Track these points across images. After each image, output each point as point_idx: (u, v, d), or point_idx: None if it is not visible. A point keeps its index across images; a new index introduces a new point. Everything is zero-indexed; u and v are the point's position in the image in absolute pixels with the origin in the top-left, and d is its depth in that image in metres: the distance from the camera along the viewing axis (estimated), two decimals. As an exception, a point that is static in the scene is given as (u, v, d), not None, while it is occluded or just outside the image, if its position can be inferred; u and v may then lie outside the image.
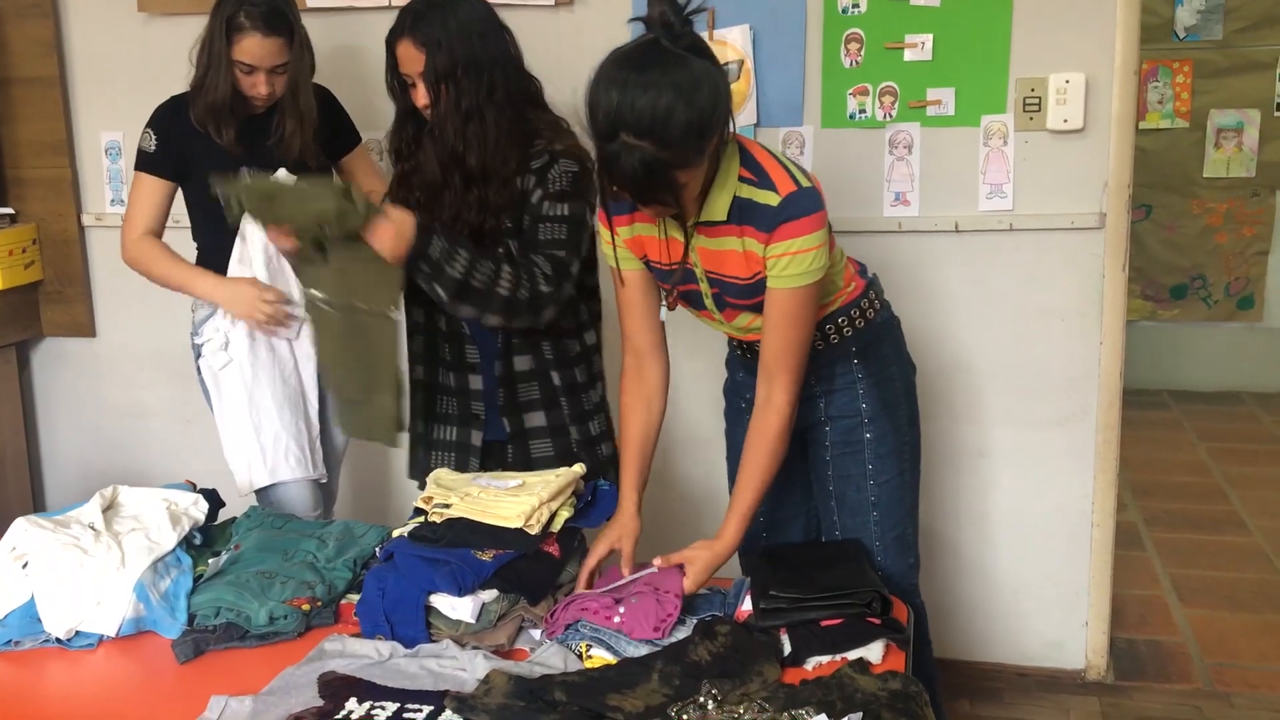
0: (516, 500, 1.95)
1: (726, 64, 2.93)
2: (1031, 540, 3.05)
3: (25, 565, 1.99)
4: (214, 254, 2.67)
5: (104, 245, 3.48)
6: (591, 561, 2.02)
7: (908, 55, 2.87)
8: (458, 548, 1.90)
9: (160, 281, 2.67)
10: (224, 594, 1.97)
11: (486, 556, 1.89)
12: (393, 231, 2.07)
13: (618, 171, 1.79)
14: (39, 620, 1.94)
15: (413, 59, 2.15)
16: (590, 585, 2.00)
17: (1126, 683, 3.05)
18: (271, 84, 2.52)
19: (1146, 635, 3.30)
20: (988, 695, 3.01)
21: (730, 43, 2.94)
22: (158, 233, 2.69)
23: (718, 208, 1.93)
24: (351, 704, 1.70)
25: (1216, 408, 5.55)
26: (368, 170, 2.85)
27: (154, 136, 2.62)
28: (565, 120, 2.25)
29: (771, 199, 1.92)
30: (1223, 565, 3.77)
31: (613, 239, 2.04)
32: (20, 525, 2.05)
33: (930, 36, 2.85)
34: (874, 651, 1.81)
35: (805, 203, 1.93)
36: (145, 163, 2.64)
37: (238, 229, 2.57)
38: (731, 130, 1.91)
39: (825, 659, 1.80)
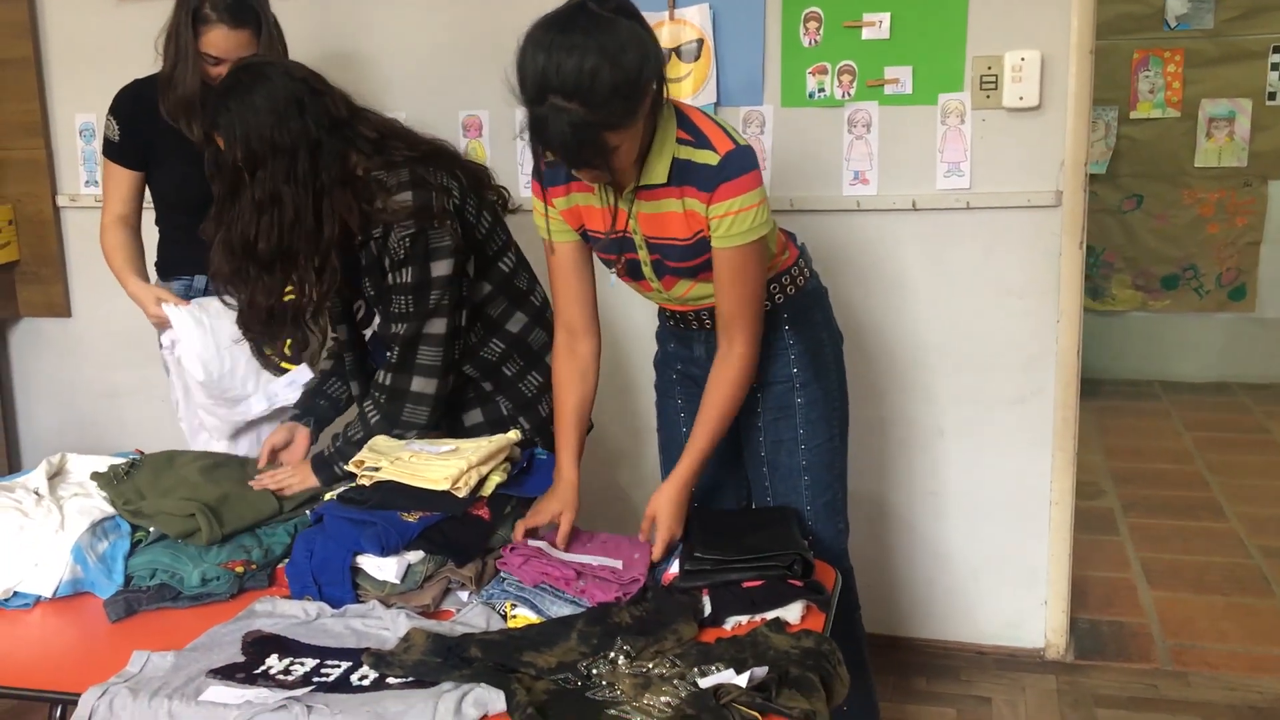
0: (445, 464, 1.97)
1: (686, 43, 2.97)
2: (990, 519, 3.05)
3: (-34, 527, 2.03)
4: (172, 243, 2.72)
5: (79, 226, 3.53)
6: (519, 530, 2.01)
7: (866, 34, 2.88)
8: (384, 509, 1.93)
9: (112, 272, 2.73)
10: (160, 556, 2.00)
11: (412, 518, 1.91)
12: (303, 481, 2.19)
13: (547, 135, 1.80)
14: (-23, 581, 1.98)
15: (223, 145, 2.12)
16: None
17: (1085, 662, 3.05)
18: None
19: (1110, 616, 3.30)
20: (944, 673, 3.02)
21: (690, 21, 2.95)
22: (129, 218, 2.71)
23: (657, 170, 1.95)
24: (272, 660, 1.73)
25: (1206, 398, 5.54)
26: None
27: (116, 125, 2.63)
28: (408, 167, 2.15)
29: (711, 158, 1.93)
30: (1195, 550, 3.76)
31: (545, 210, 2.06)
32: (-37, 489, 2.08)
33: (888, 15, 2.86)
34: (792, 612, 1.82)
35: (744, 161, 1.94)
36: (110, 151, 2.67)
37: (197, 220, 2.41)
38: (666, 93, 1.92)
39: (744, 619, 1.82)
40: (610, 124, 1.80)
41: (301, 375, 2.51)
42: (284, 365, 2.53)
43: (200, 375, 2.50)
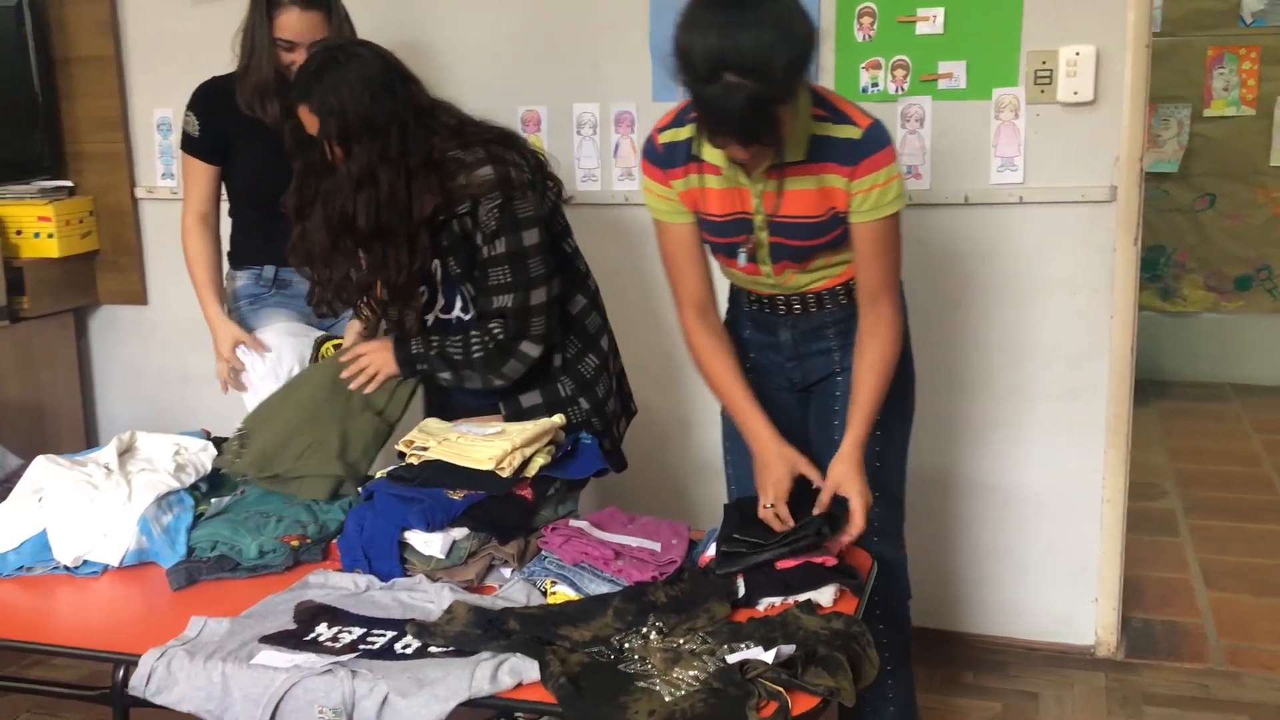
0: (490, 445, 2.03)
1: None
2: (1041, 515, 3.05)
3: (40, 499, 2.14)
4: (244, 236, 2.80)
5: (156, 217, 3.66)
6: (770, 503, 2.02)
7: (920, 29, 2.89)
8: (430, 487, 2.00)
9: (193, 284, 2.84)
10: (221, 529, 2.10)
11: (457, 496, 1.98)
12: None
13: (722, 113, 1.80)
14: (49, 549, 2.08)
15: (310, 123, 2.18)
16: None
17: (1136, 660, 3.03)
18: None
19: (1164, 616, 3.26)
20: (992, 668, 3.02)
21: (744, 18, 2.99)
22: (209, 217, 2.80)
23: (796, 148, 1.95)
24: (321, 628, 1.81)
25: (1278, 401, 5.42)
26: None
27: (196, 120, 2.71)
28: (482, 147, 2.23)
29: (853, 133, 1.96)
30: (1257, 553, 3.71)
31: (662, 191, 2.07)
32: (39, 462, 2.20)
33: (942, 10, 2.87)
34: (825, 595, 1.86)
35: (883, 134, 1.98)
36: (188, 145, 2.75)
37: (268, 214, 2.55)
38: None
39: (777, 600, 1.86)
40: (784, 98, 1.81)
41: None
42: None
43: None
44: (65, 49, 3.59)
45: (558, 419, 2.18)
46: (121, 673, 1.75)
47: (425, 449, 2.08)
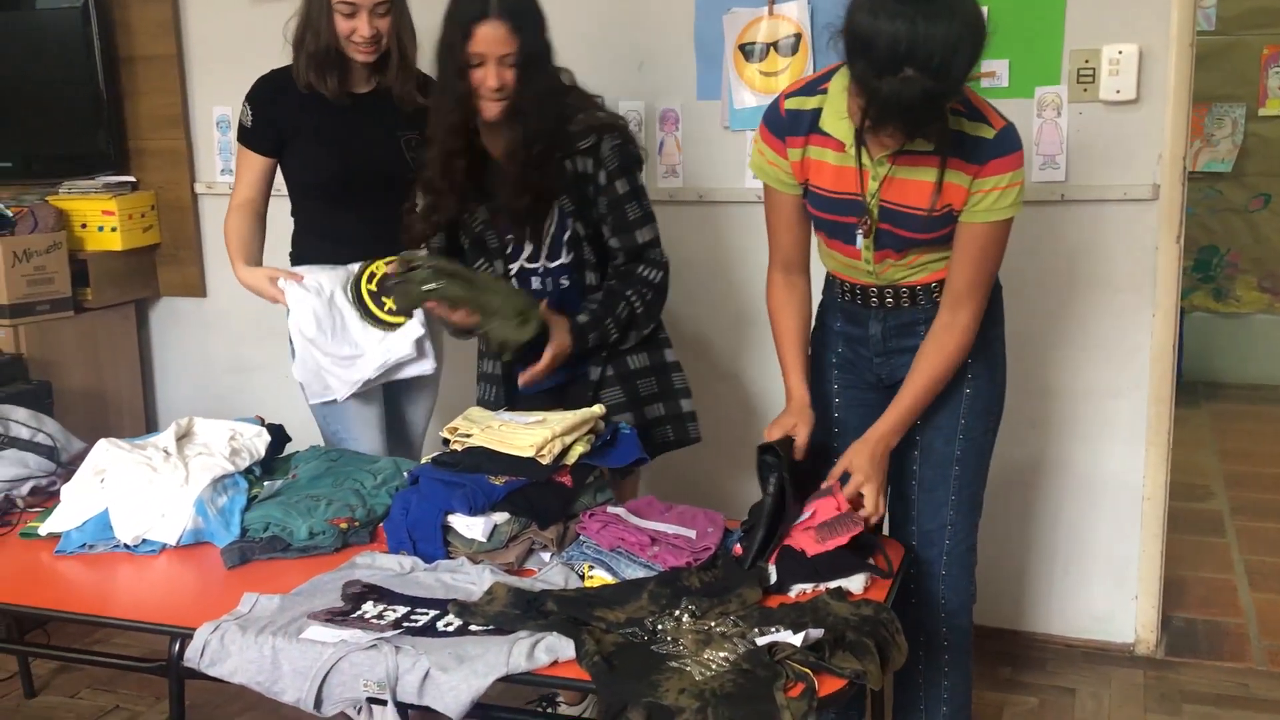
0: (531, 432, 2.09)
1: (784, 38, 3.05)
2: (1081, 513, 3.06)
3: (103, 480, 2.23)
4: (306, 232, 2.77)
5: (214, 212, 3.76)
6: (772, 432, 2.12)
7: (962, 28, 2.91)
8: (473, 473, 2.06)
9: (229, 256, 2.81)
10: (273, 511, 2.18)
11: (498, 481, 2.04)
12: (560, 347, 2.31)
13: (893, 105, 1.77)
14: (111, 528, 2.18)
15: (500, 40, 2.19)
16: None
17: (1176, 658, 3.03)
18: (375, 25, 2.49)
19: (1206, 615, 3.26)
20: (1030, 663, 3.03)
21: (788, 16, 3.03)
22: (256, 203, 2.73)
23: (927, 138, 1.92)
24: (368, 606, 1.87)
25: (1335, 403, 5.37)
26: None
27: (250, 111, 2.68)
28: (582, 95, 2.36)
29: (986, 132, 1.94)
30: (1303, 554, 3.69)
31: (775, 158, 2.09)
32: (102, 445, 2.29)
33: (985, 9, 2.85)
34: (855, 583, 1.90)
35: (1015, 138, 1.97)
36: (243, 136, 2.72)
37: (329, 207, 2.67)
38: None
39: (808, 587, 1.90)
40: (954, 94, 1.81)
41: (414, 330, 2.59)
42: (390, 320, 2.61)
43: (311, 331, 2.57)
44: (129, 48, 3.71)
45: (598, 409, 2.23)
46: (177, 646, 1.83)
47: (468, 435, 2.14)
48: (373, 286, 2.61)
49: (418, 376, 2.71)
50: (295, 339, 2.63)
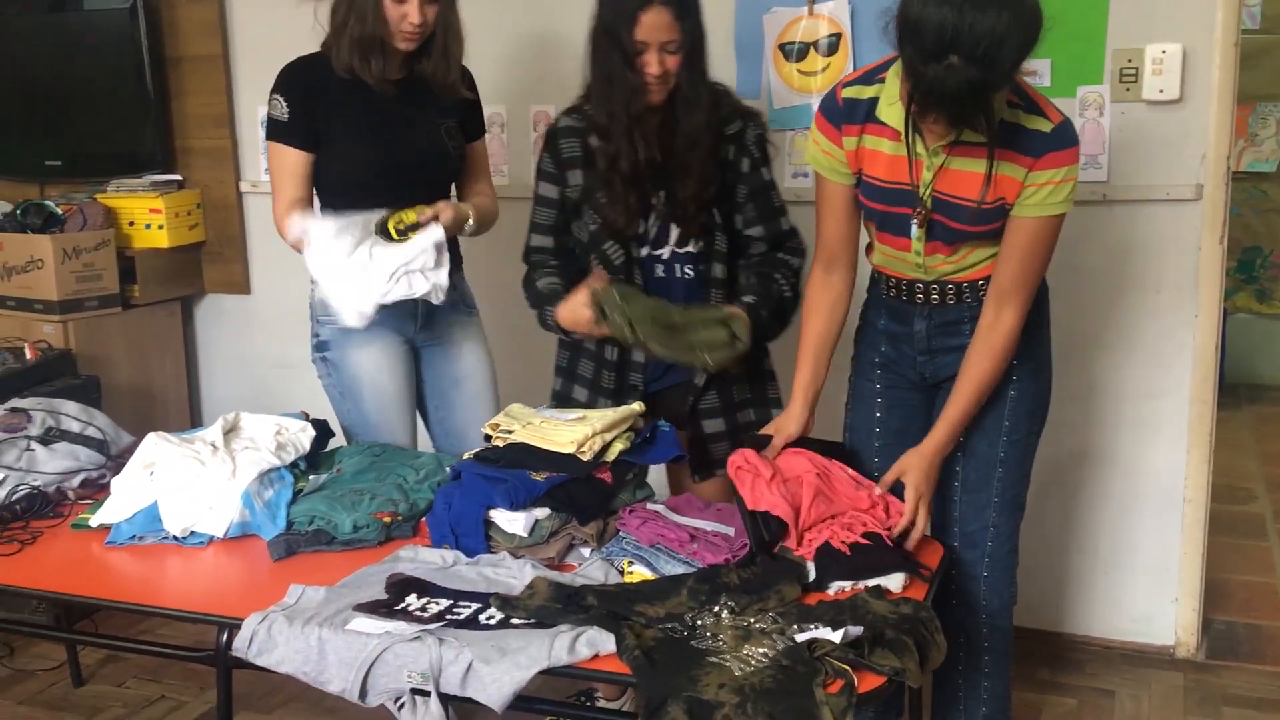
0: (572, 429, 2.12)
1: (824, 37, 3.05)
2: (1121, 514, 3.05)
3: (152, 473, 2.27)
4: None
5: (259, 210, 3.82)
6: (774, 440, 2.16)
7: (1004, 27, 2.90)
8: (514, 468, 2.09)
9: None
10: (318, 505, 2.21)
11: (539, 477, 2.07)
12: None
13: (938, 94, 1.77)
14: (160, 520, 2.22)
15: (664, 26, 2.16)
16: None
17: (1217, 661, 3.01)
18: (423, 12, 2.42)
19: (1248, 619, 3.23)
20: (1068, 665, 3.02)
21: (828, 16, 3.03)
22: (306, 199, 2.58)
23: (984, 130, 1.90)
24: (411, 599, 1.91)
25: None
26: (483, 168, 2.77)
27: (284, 103, 2.51)
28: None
29: (1043, 125, 1.93)
30: (1348, 558, 3.65)
31: (829, 147, 2.09)
32: (151, 439, 2.34)
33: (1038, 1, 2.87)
34: (894, 581, 1.90)
35: (1072, 133, 1.96)
36: (278, 131, 2.53)
37: (361, 205, 2.47)
38: None
39: (847, 585, 1.91)
40: (1001, 85, 1.80)
41: (433, 234, 2.44)
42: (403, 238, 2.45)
43: (328, 249, 2.43)
44: (175, 49, 3.76)
45: (637, 406, 2.25)
46: (225, 635, 1.87)
47: (510, 432, 2.17)
48: (396, 229, 2.45)
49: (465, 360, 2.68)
50: (313, 268, 2.51)
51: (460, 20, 2.55)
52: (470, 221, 2.57)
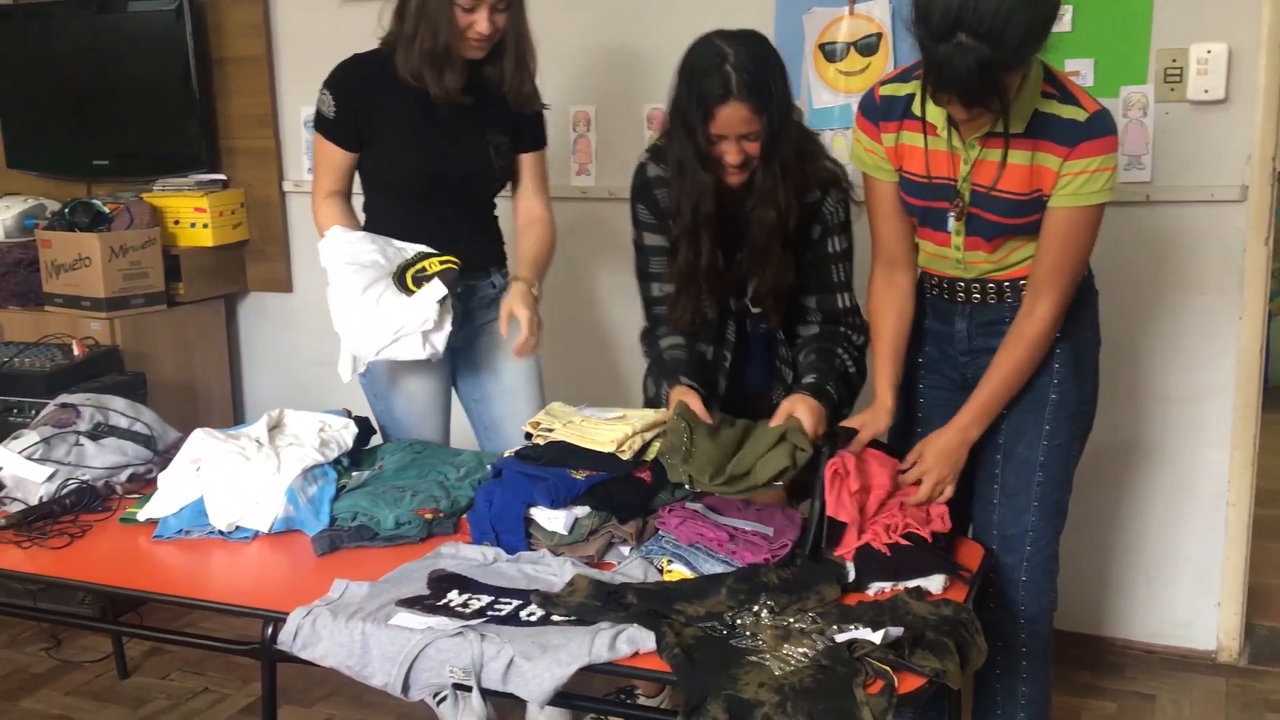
0: (612, 428, 2.13)
1: (866, 37, 3.05)
2: (1164, 518, 3.02)
3: (198, 469, 2.31)
4: (387, 229, 2.57)
5: (301, 209, 3.86)
6: (860, 435, 2.10)
7: (1047, 27, 2.89)
8: (555, 467, 2.10)
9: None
10: (361, 501, 2.24)
11: (580, 475, 2.08)
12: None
13: (949, 73, 1.79)
14: (206, 515, 2.25)
15: (742, 120, 2.07)
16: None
17: (1260, 667, 2.98)
18: (493, 21, 2.36)
19: (1292, 625, 3.21)
20: (1109, 668, 3.00)
21: (870, 16, 3.03)
22: (343, 193, 2.60)
23: (1017, 120, 1.93)
24: (453, 594, 1.92)
25: None
26: (538, 182, 2.67)
27: (332, 100, 2.51)
28: (810, 133, 2.27)
29: (1078, 114, 1.93)
30: (1395, 564, 3.59)
31: (871, 145, 2.11)
32: (198, 435, 2.37)
33: (1070, 8, 2.86)
34: (934, 583, 1.90)
35: (1108, 122, 1.95)
36: (323, 127, 2.55)
37: (409, 210, 2.51)
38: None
39: (887, 586, 1.91)
40: (1014, 65, 1.80)
41: (436, 290, 2.40)
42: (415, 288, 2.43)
43: (343, 296, 2.45)
44: (220, 50, 3.81)
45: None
46: (270, 629, 1.89)
47: (550, 430, 2.18)
48: (414, 279, 2.43)
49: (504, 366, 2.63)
50: (330, 294, 2.51)
51: (529, 29, 2.48)
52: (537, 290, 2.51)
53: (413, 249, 2.49)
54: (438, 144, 2.52)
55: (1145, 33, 2.81)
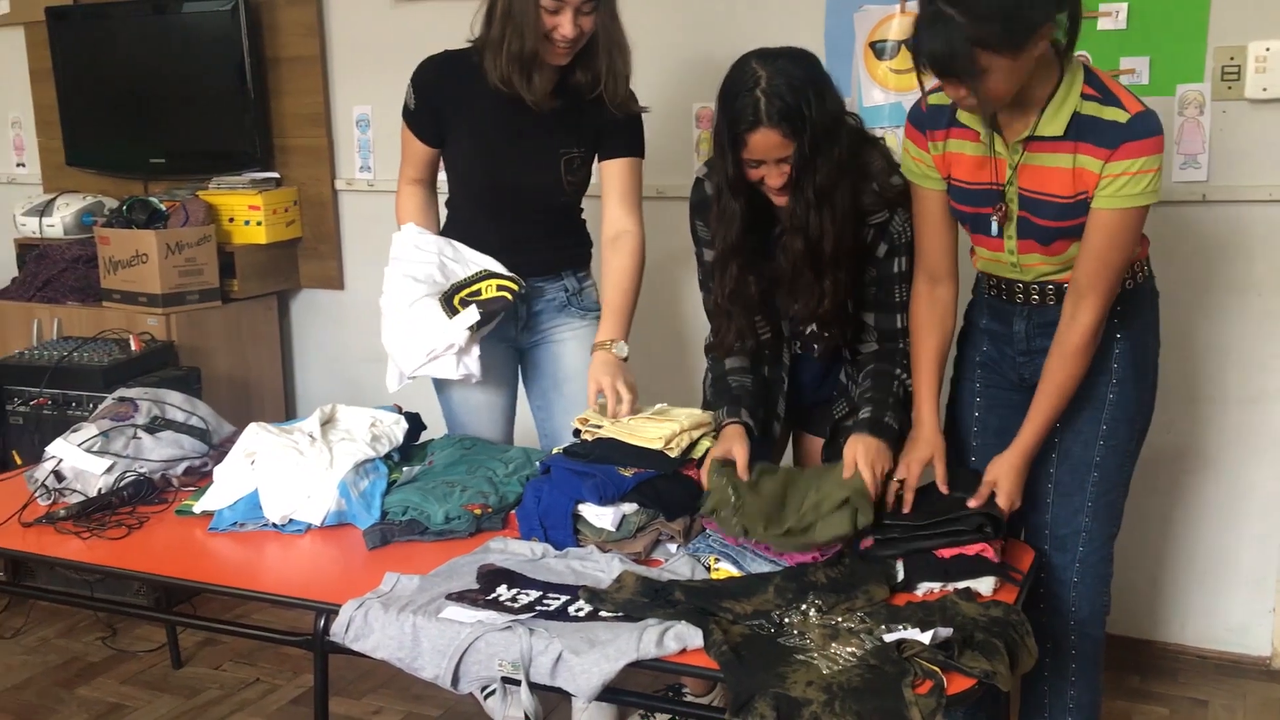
0: (660, 426, 2.14)
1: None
2: (1217, 522, 2.98)
3: (253, 462, 2.34)
4: (451, 231, 2.62)
5: (353, 207, 3.91)
6: (907, 480, 2.07)
7: (1101, 24, 2.86)
8: (603, 464, 2.11)
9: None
10: (411, 496, 2.26)
11: (627, 473, 2.09)
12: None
13: (923, 40, 1.84)
14: (260, 508, 2.29)
15: (775, 145, 2.02)
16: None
17: (1316, 675, 2.94)
18: (579, 24, 2.32)
19: (1350, 632, 3.14)
20: (1161, 673, 2.97)
21: (921, 15, 3.01)
22: (425, 181, 2.63)
23: (1055, 123, 1.94)
24: (501, 589, 1.94)
25: None
26: (626, 193, 2.55)
27: (414, 95, 2.53)
28: (876, 150, 2.19)
29: (1119, 115, 1.92)
30: None
31: (918, 154, 2.11)
32: (252, 429, 2.41)
33: (1125, 5, 2.83)
34: (985, 585, 1.89)
35: (1152, 123, 1.93)
36: (407, 116, 2.57)
37: (485, 209, 2.54)
38: (1072, 50, 1.95)
39: (936, 586, 1.90)
40: (985, 42, 1.80)
41: (470, 316, 2.41)
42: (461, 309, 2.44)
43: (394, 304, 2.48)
44: (275, 50, 3.86)
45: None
46: (323, 621, 1.92)
47: (599, 427, 2.19)
48: (459, 303, 2.45)
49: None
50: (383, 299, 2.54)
51: (624, 31, 2.44)
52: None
53: (478, 264, 2.51)
54: (506, 152, 2.50)
55: (1202, 30, 2.78)
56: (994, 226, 2.07)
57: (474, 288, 2.45)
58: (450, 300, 2.44)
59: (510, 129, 2.47)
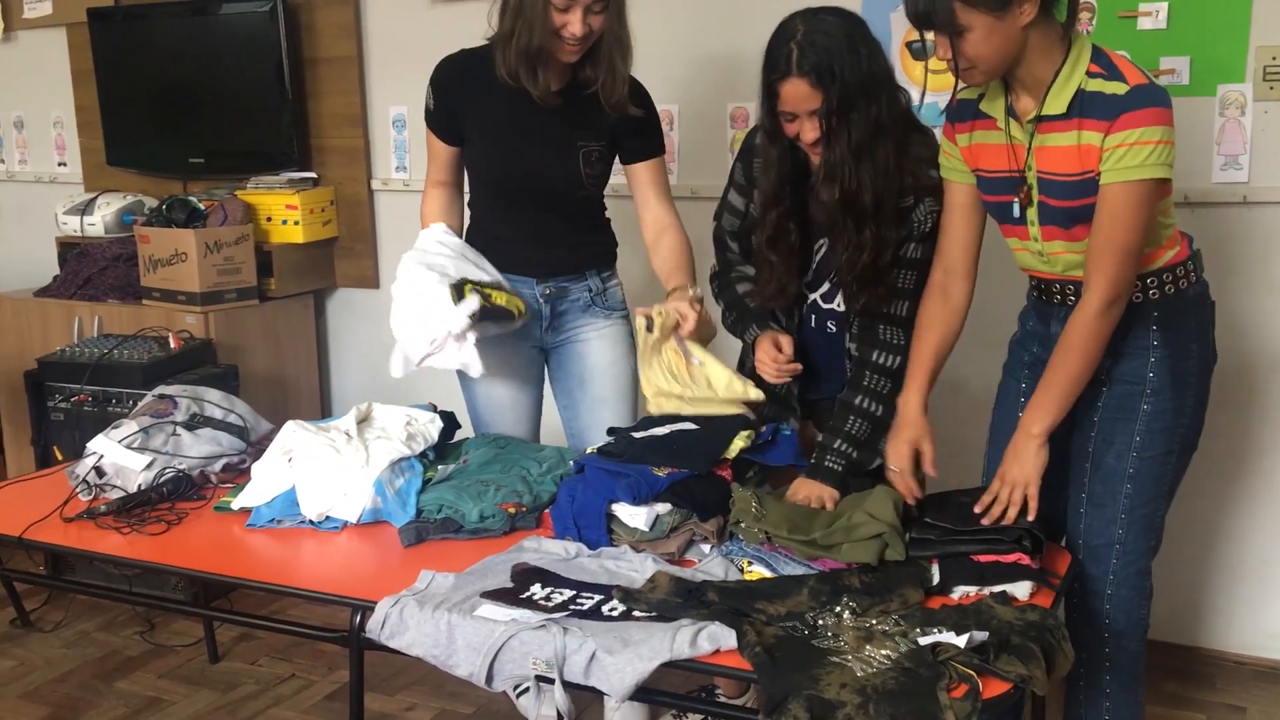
0: (718, 369, 2.30)
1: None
2: (1257, 528, 2.95)
3: (290, 460, 2.36)
4: (476, 229, 2.66)
5: (389, 207, 3.93)
6: (900, 467, 2.13)
7: (1141, 24, 2.84)
8: (637, 463, 2.12)
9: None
10: (446, 494, 2.28)
11: (661, 473, 2.10)
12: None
13: None
14: (297, 505, 2.31)
15: (805, 96, 2.06)
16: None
17: (1356, 683, 2.90)
18: (588, 23, 2.33)
19: (1392, 639, 3.10)
20: (1198, 679, 2.94)
21: (958, 15, 2.99)
22: (450, 183, 2.65)
23: (1058, 101, 1.94)
24: (535, 588, 1.95)
25: None
26: (655, 191, 2.60)
27: (432, 96, 2.56)
28: (932, 137, 2.22)
29: (1119, 88, 1.91)
30: None
31: (948, 148, 2.13)
32: (290, 427, 2.43)
33: (1165, 5, 2.81)
34: (1021, 589, 1.88)
35: (1154, 95, 1.90)
36: (427, 118, 2.60)
37: (501, 210, 2.58)
38: (1073, 24, 1.97)
39: (972, 590, 1.89)
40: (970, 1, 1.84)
41: (470, 304, 2.41)
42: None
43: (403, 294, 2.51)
44: (312, 50, 3.89)
45: (753, 393, 2.28)
46: (359, 617, 1.94)
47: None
48: (468, 290, 2.44)
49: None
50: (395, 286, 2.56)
51: (629, 32, 2.44)
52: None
53: (497, 277, 2.52)
54: (524, 147, 2.51)
55: (1244, 29, 2.74)
56: (1015, 208, 2.06)
57: (485, 290, 2.46)
58: (460, 288, 2.44)
59: (526, 123, 2.48)
